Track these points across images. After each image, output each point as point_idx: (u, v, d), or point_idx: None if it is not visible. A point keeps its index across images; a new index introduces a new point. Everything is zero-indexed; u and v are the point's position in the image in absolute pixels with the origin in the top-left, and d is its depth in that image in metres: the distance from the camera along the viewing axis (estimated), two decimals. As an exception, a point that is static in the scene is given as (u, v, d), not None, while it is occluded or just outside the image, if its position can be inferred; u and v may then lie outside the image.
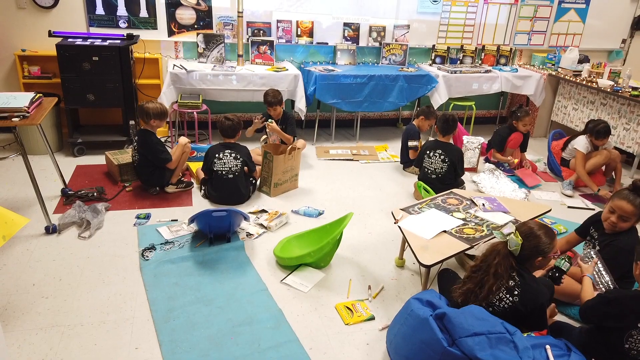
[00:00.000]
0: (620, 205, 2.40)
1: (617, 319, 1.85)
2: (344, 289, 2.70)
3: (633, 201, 2.37)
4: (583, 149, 4.14)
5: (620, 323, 1.83)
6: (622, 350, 1.85)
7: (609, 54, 6.18)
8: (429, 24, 5.40)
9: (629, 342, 1.83)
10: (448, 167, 3.78)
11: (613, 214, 2.43)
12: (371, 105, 4.93)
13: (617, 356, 1.88)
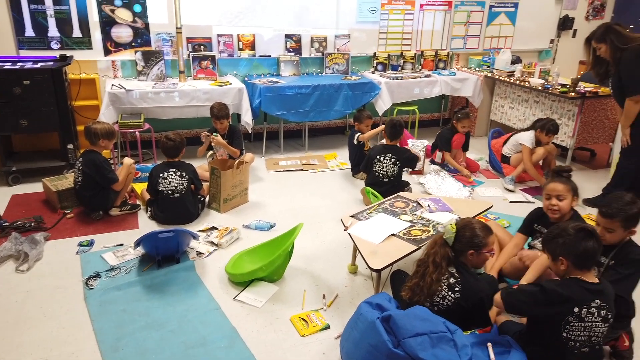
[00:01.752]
0: (552, 188, 2.55)
1: (551, 305, 1.89)
2: (298, 301, 2.69)
3: (561, 180, 2.55)
4: (529, 144, 4.33)
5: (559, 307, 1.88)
6: (560, 341, 1.89)
7: (539, 54, 6.53)
8: (369, 32, 5.53)
9: (566, 330, 1.89)
10: (399, 169, 3.88)
11: (550, 199, 2.56)
12: (318, 114, 4.98)
13: (556, 349, 1.92)
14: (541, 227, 2.70)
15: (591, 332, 1.89)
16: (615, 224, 2.22)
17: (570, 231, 1.93)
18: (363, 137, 4.34)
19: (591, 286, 1.88)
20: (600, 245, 1.92)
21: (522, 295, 1.97)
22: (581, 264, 1.89)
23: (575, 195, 2.56)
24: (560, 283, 1.92)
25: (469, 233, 2.12)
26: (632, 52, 3.47)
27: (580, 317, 1.86)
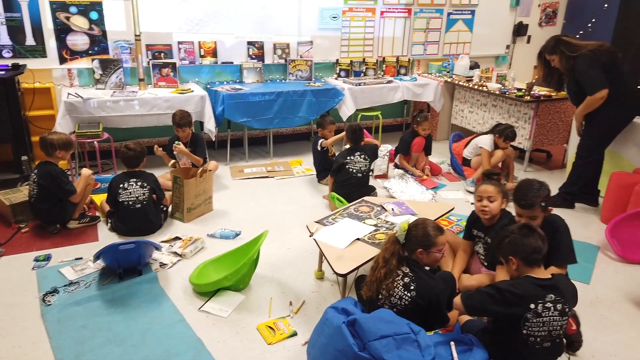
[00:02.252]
0: (484, 189, 2.63)
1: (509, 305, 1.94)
2: (265, 309, 2.67)
3: (490, 183, 2.64)
4: (489, 147, 4.45)
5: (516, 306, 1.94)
6: (521, 338, 1.95)
7: (496, 59, 6.74)
8: (331, 39, 5.58)
9: (526, 327, 1.94)
10: (369, 162, 4.04)
11: (481, 201, 2.63)
12: (282, 121, 4.98)
13: (517, 345, 1.97)
14: (478, 232, 2.76)
15: (550, 327, 1.95)
16: (536, 210, 2.43)
17: (513, 230, 2.03)
18: (326, 143, 4.36)
19: (543, 282, 1.95)
20: (543, 238, 2.00)
21: (480, 296, 2.02)
22: (529, 260, 1.96)
23: (504, 198, 2.64)
24: (513, 282, 1.99)
25: (420, 232, 2.18)
26: (583, 58, 3.63)
27: (537, 313, 1.92)
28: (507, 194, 2.68)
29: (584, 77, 3.66)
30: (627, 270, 3.17)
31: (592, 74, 3.63)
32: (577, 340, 2.40)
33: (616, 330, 2.59)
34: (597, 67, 3.60)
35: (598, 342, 2.47)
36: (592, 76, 3.64)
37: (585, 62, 3.62)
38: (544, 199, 2.44)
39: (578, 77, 3.69)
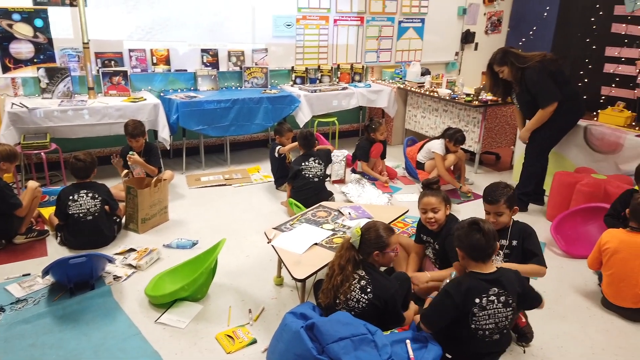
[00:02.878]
0: (426, 202, 2.70)
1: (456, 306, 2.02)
2: (224, 318, 2.65)
3: (432, 193, 2.71)
4: (440, 151, 4.59)
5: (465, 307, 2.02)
6: (471, 332, 2.03)
7: (446, 66, 6.97)
8: (286, 46, 5.61)
9: (473, 321, 2.03)
10: (324, 167, 4.09)
11: (426, 213, 2.71)
12: (238, 128, 4.96)
13: (468, 339, 2.05)
14: (427, 237, 2.84)
15: (496, 319, 2.04)
16: (502, 206, 2.56)
17: (462, 224, 2.14)
18: (283, 149, 4.38)
19: (486, 276, 2.04)
20: (488, 236, 2.06)
21: (435, 309, 2.09)
22: (473, 255, 2.04)
23: (447, 204, 2.74)
24: (457, 280, 2.06)
25: (374, 235, 2.23)
26: (533, 70, 3.77)
27: (483, 307, 2.01)
28: (449, 200, 2.77)
29: (537, 88, 3.80)
30: (571, 264, 3.35)
31: (544, 85, 3.78)
32: (528, 332, 2.52)
33: (563, 322, 2.72)
34: (548, 77, 3.76)
35: (546, 335, 2.59)
36: (545, 87, 3.78)
37: (535, 73, 3.76)
38: (508, 198, 2.58)
39: (530, 87, 3.82)
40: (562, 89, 3.81)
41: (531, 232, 2.60)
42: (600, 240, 2.83)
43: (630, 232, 2.77)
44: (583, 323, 2.73)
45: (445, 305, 2.06)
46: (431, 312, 2.12)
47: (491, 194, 2.61)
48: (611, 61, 4.36)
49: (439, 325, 2.10)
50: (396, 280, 2.41)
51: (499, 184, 2.68)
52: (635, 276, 2.68)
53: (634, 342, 2.58)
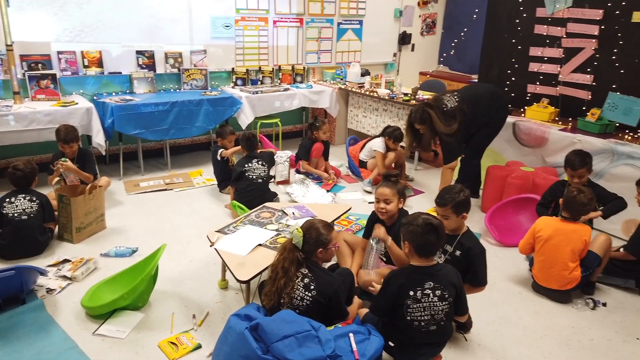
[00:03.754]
0: (380, 192, 2.77)
1: (394, 296, 2.10)
2: (167, 325, 2.59)
3: (387, 185, 2.77)
4: (381, 149, 4.71)
5: (400, 297, 2.10)
6: (407, 323, 2.10)
7: (385, 67, 7.15)
8: (225, 48, 5.55)
9: (408, 312, 2.10)
10: (267, 169, 4.08)
11: (379, 203, 2.79)
12: (178, 131, 4.85)
13: (406, 330, 2.12)
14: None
15: (432, 311, 2.12)
16: (448, 210, 2.52)
17: (418, 222, 2.13)
18: (226, 153, 4.33)
19: (425, 270, 2.12)
20: (441, 238, 2.13)
21: (379, 296, 2.16)
22: (421, 252, 2.11)
23: (401, 198, 2.81)
24: (397, 272, 2.12)
25: (315, 233, 2.25)
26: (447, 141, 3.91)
27: (417, 299, 2.09)
28: (404, 195, 2.84)
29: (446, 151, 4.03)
30: (504, 253, 3.53)
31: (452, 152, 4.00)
32: (467, 322, 2.63)
33: (497, 308, 2.88)
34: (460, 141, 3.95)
35: (482, 320, 2.72)
36: (451, 152, 4.00)
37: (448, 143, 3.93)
38: (456, 203, 2.49)
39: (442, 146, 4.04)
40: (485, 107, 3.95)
41: (477, 255, 2.49)
42: (535, 227, 3.00)
43: (562, 220, 2.97)
44: (515, 307, 2.90)
45: (387, 293, 2.13)
46: (377, 299, 2.19)
47: (441, 196, 2.57)
48: (535, 60, 4.65)
49: (384, 312, 2.17)
50: (340, 276, 2.45)
51: (455, 187, 2.62)
52: (565, 261, 2.88)
53: (559, 321, 2.77)
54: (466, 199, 2.55)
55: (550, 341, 2.59)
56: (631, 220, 3.46)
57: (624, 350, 2.55)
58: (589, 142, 3.83)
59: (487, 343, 2.56)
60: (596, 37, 4.16)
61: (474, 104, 3.90)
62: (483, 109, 3.95)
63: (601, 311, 2.88)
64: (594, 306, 2.89)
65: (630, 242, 3.06)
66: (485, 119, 3.99)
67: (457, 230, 2.58)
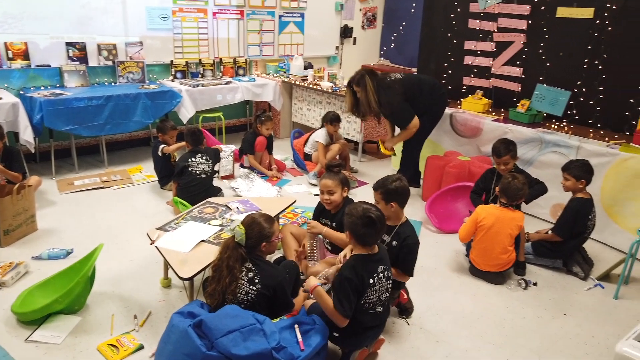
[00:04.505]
0: (324, 184, 2.82)
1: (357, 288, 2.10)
2: (106, 327, 2.50)
3: (330, 177, 2.82)
4: (323, 141, 4.75)
5: (364, 288, 2.12)
6: (359, 309, 2.14)
7: (328, 60, 7.19)
8: (163, 39, 5.37)
9: (365, 299, 2.15)
10: (212, 164, 4.01)
11: (323, 194, 2.84)
12: (115, 127, 4.65)
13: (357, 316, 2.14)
14: (325, 220, 2.95)
15: (379, 292, 2.19)
16: (378, 196, 2.56)
17: (358, 213, 2.14)
18: (168, 149, 4.22)
19: (374, 257, 2.16)
20: (380, 229, 2.16)
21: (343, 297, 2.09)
22: (361, 242, 2.15)
23: (345, 187, 2.86)
24: (352, 265, 2.13)
25: (257, 228, 2.24)
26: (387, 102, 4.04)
27: (373, 285, 2.14)
28: (347, 184, 2.89)
29: (393, 117, 4.14)
30: (444, 239, 3.68)
31: (399, 114, 4.09)
32: (410, 307, 2.73)
33: (437, 292, 2.99)
34: (401, 100, 4.05)
35: (423, 305, 2.82)
36: (399, 114, 4.09)
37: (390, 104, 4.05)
38: (385, 191, 2.52)
39: (386, 115, 4.15)
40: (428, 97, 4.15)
41: (410, 245, 2.52)
42: (477, 216, 3.11)
43: (501, 207, 3.11)
44: (454, 291, 3.03)
45: (350, 291, 2.10)
46: (341, 302, 2.09)
47: (377, 181, 2.62)
48: (470, 54, 4.84)
49: (352, 309, 2.11)
50: (285, 268, 2.46)
51: (392, 176, 2.61)
52: (505, 245, 3.05)
53: (495, 302, 2.93)
54: (397, 190, 2.51)
55: (486, 321, 2.73)
56: (558, 205, 3.69)
57: (553, 326, 2.72)
58: (519, 132, 4.04)
59: (427, 326, 2.66)
60: (524, 31, 4.39)
61: (418, 87, 4.15)
62: (425, 94, 4.15)
63: (532, 290, 3.06)
64: (526, 286, 3.08)
65: (557, 224, 3.27)
66: (424, 107, 4.14)
67: (396, 220, 2.60)
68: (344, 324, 2.10)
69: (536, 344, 2.57)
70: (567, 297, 3.01)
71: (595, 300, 2.98)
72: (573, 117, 4.22)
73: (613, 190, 3.54)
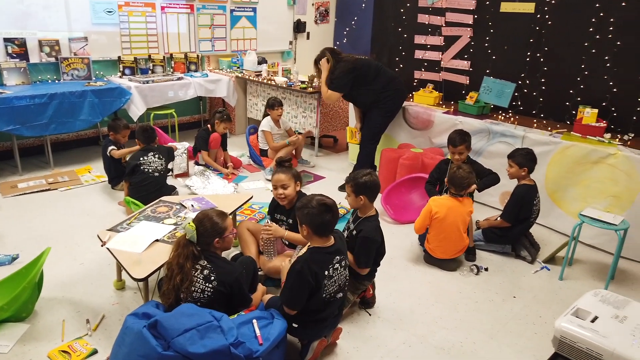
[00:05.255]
0: (277, 179, 2.82)
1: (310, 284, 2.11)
2: (57, 333, 2.41)
3: (282, 171, 2.83)
4: (268, 128, 4.79)
5: (318, 282, 2.14)
6: (319, 299, 2.16)
7: (282, 55, 7.16)
8: (109, 35, 5.19)
9: (324, 291, 2.17)
10: (164, 162, 3.91)
11: (277, 189, 2.84)
12: (60, 126, 4.47)
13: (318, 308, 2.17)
14: (280, 216, 2.96)
15: (339, 281, 2.22)
16: (349, 189, 2.63)
17: (313, 204, 2.17)
18: (115, 154, 4.06)
19: (330, 249, 2.19)
20: (336, 216, 2.20)
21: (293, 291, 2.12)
22: (319, 232, 2.17)
23: (297, 181, 2.88)
24: (305, 259, 2.15)
25: (209, 224, 2.21)
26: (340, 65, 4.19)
27: (331, 276, 2.16)
28: (299, 177, 2.90)
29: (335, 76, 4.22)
30: (400, 230, 3.76)
31: (340, 79, 4.18)
32: (372, 301, 2.78)
33: (395, 282, 3.06)
34: (351, 74, 4.16)
35: (382, 294, 2.88)
36: (339, 79, 4.18)
37: (341, 68, 4.17)
38: (357, 183, 2.57)
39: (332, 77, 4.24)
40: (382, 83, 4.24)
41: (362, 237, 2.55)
42: (430, 209, 3.19)
43: (452, 197, 3.21)
44: (411, 279, 3.11)
45: (302, 286, 2.12)
46: (291, 295, 2.14)
47: (349, 175, 2.68)
48: (420, 48, 4.95)
49: (302, 303, 2.14)
50: (242, 264, 2.45)
51: (363, 171, 2.67)
52: (460, 233, 3.16)
53: (448, 287, 3.03)
54: (366, 183, 2.58)
55: (441, 307, 2.82)
56: (507, 192, 3.84)
57: (504, 308, 2.85)
58: (469, 123, 4.18)
59: (385, 315, 2.72)
60: (471, 25, 4.53)
61: (375, 71, 4.24)
62: (379, 82, 4.23)
63: (484, 275, 3.18)
64: (478, 272, 3.19)
65: (504, 210, 3.41)
66: (374, 95, 4.24)
67: (365, 212, 2.66)
68: (292, 313, 2.16)
69: (488, 326, 2.67)
70: (516, 280, 3.15)
71: (542, 282, 3.14)
72: (518, 108, 4.41)
73: (556, 176, 3.72)
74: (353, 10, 7.12)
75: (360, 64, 4.21)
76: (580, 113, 3.86)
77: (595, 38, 3.83)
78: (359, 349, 2.44)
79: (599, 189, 3.52)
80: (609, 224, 2.99)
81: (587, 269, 3.31)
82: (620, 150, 3.42)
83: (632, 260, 3.41)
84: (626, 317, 1.89)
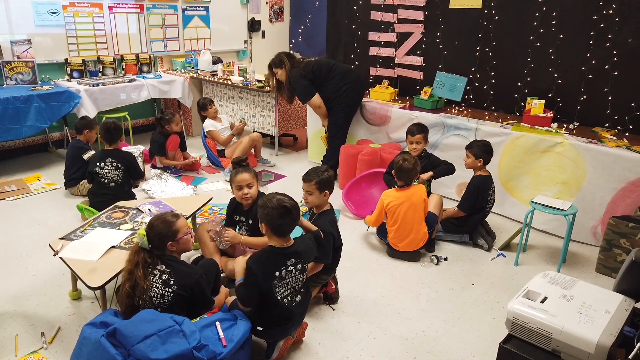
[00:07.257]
0: (241, 179, 2.79)
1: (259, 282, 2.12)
2: (10, 349, 2.30)
3: (245, 170, 2.82)
4: (212, 127, 4.84)
5: (266, 281, 2.14)
6: (276, 302, 2.16)
7: (238, 54, 7.08)
8: (55, 37, 4.99)
9: (276, 292, 2.16)
10: (124, 172, 3.73)
11: (241, 189, 2.81)
12: (5, 133, 4.27)
13: (275, 308, 2.17)
14: (239, 217, 2.93)
15: (294, 284, 2.22)
16: (312, 186, 2.65)
17: (273, 204, 2.16)
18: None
19: (285, 250, 2.18)
20: (295, 218, 2.20)
21: (245, 287, 2.14)
22: (277, 232, 2.17)
23: (258, 180, 2.90)
24: (258, 256, 2.15)
25: (158, 228, 2.17)
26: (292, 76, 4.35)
27: (282, 277, 2.16)
28: (257, 176, 2.89)
29: (295, 91, 4.42)
30: (362, 225, 3.78)
31: (299, 88, 4.37)
32: (336, 297, 2.79)
33: (357, 276, 3.09)
34: (303, 79, 4.33)
35: (345, 288, 2.90)
36: (300, 89, 4.38)
37: (293, 78, 4.34)
38: (320, 180, 2.63)
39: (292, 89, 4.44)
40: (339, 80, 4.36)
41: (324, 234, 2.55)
42: (382, 203, 3.25)
43: (400, 189, 3.27)
44: (373, 272, 3.15)
45: (252, 282, 2.14)
46: (243, 291, 2.17)
47: (308, 173, 2.70)
48: (374, 45, 5.01)
49: (253, 300, 2.16)
50: (202, 267, 2.41)
51: (320, 168, 2.75)
52: (416, 224, 3.21)
53: (410, 279, 3.09)
54: (329, 179, 2.68)
55: (403, 298, 2.87)
56: (463, 183, 3.96)
57: (463, 296, 2.93)
58: (424, 118, 4.27)
59: (349, 309, 2.74)
60: (422, 22, 4.63)
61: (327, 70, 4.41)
62: (335, 78, 4.38)
63: (444, 265, 3.27)
64: (438, 262, 3.27)
65: (461, 201, 3.51)
66: (333, 91, 4.37)
67: (320, 207, 2.72)
68: (246, 309, 2.19)
69: (449, 314, 2.74)
70: (475, 268, 3.25)
71: (499, 269, 3.25)
72: (470, 102, 4.54)
73: (508, 166, 3.86)
74: (307, 8, 7.13)
75: (310, 68, 4.36)
76: (529, 104, 4.02)
77: (540, 32, 4.00)
78: (324, 344, 2.45)
79: (549, 176, 3.68)
80: (559, 210, 3.13)
81: (541, 254, 3.45)
82: (566, 139, 3.58)
83: (582, 243, 3.58)
84: (573, 296, 1.98)
